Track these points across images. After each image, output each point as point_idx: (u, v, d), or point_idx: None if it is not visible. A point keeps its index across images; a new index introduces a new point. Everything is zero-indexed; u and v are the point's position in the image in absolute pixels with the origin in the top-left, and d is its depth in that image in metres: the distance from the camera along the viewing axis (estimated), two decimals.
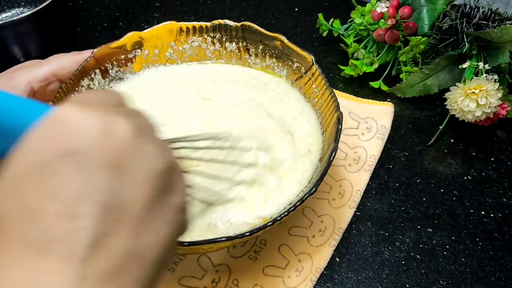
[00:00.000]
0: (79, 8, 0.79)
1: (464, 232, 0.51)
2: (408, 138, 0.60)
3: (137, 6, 0.79)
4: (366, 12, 0.66)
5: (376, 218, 0.52)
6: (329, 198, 0.53)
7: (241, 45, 0.58)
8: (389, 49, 0.65)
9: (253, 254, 0.48)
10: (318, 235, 0.50)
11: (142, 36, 0.56)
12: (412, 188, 0.55)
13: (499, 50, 0.58)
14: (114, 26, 0.76)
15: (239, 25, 0.56)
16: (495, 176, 0.56)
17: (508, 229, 0.52)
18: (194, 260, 0.48)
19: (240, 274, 0.47)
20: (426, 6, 0.65)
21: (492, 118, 0.58)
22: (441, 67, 0.62)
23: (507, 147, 0.59)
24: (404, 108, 0.63)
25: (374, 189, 0.55)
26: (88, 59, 0.52)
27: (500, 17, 0.61)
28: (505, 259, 0.49)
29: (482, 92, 0.54)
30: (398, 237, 0.51)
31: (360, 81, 0.66)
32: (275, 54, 0.56)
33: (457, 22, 0.61)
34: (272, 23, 0.75)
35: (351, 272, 0.48)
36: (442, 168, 0.57)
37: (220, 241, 0.39)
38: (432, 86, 0.63)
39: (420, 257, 0.49)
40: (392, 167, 0.57)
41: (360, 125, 0.60)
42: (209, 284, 0.46)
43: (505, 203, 0.54)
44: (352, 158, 0.57)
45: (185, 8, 0.78)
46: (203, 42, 0.58)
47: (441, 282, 0.47)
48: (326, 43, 0.72)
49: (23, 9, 0.74)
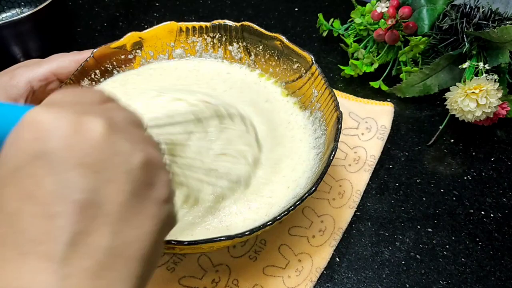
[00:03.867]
0: (79, 8, 0.79)
1: (464, 232, 0.51)
2: (408, 138, 0.60)
3: (137, 6, 0.79)
4: (366, 12, 0.66)
5: (376, 218, 0.52)
6: (329, 198, 0.53)
7: (241, 45, 0.58)
8: (389, 49, 0.65)
9: (253, 254, 0.48)
10: (318, 235, 0.50)
11: (142, 36, 0.56)
12: (412, 188, 0.55)
13: (499, 50, 0.58)
14: (114, 26, 0.76)
15: (239, 25, 0.56)
16: (495, 176, 0.56)
17: (508, 229, 0.52)
18: (194, 260, 0.48)
19: (240, 274, 0.47)
20: (426, 6, 0.65)
21: (492, 118, 0.58)
22: (441, 67, 0.62)
23: (507, 147, 0.59)
24: (404, 108, 0.63)
25: (374, 189, 0.55)
26: (88, 59, 0.52)
27: (500, 17, 0.61)
28: (505, 259, 0.49)
29: (482, 92, 0.54)
30: (398, 237, 0.51)
31: (360, 81, 0.66)
32: (275, 54, 0.56)
33: (457, 22, 0.61)
34: (272, 23, 0.75)
35: (351, 272, 0.48)
36: (442, 168, 0.57)
37: (220, 240, 0.39)
38: (432, 86, 0.63)
39: (420, 257, 0.49)
40: (392, 167, 0.57)
41: (360, 125, 0.60)
42: (209, 284, 0.46)
43: (505, 203, 0.54)
44: (352, 158, 0.57)
45: (185, 8, 0.78)
46: (203, 42, 0.58)
47: (441, 282, 0.47)
48: (326, 43, 0.72)
49: (23, 9, 0.74)
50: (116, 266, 0.23)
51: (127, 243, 0.23)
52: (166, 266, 0.47)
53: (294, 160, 0.50)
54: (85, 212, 0.22)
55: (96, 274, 0.22)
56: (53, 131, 0.23)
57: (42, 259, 0.21)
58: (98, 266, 0.22)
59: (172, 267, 0.47)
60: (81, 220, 0.22)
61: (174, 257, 0.48)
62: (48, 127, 0.23)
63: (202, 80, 0.57)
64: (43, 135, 0.23)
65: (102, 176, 0.23)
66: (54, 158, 0.22)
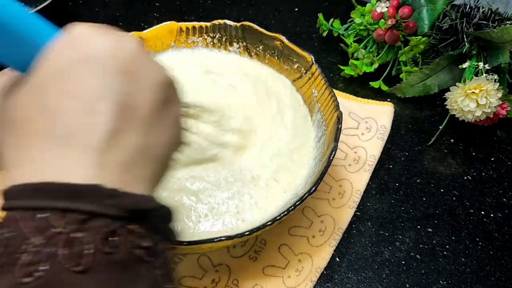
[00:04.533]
0: (79, 8, 0.79)
1: (464, 232, 0.51)
2: (408, 138, 0.60)
3: (137, 6, 0.79)
4: (366, 12, 0.66)
5: (376, 218, 0.52)
6: (329, 198, 0.53)
7: (241, 45, 0.58)
8: (389, 49, 0.65)
9: (253, 254, 0.48)
10: (318, 235, 0.50)
11: (142, 36, 0.56)
12: (412, 188, 0.55)
13: (499, 50, 0.58)
14: (114, 26, 0.75)
15: (239, 25, 0.56)
16: (495, 176, 0.56)
17: (508, 229, 0.52)
18: (194, 260, 0.48)
19: (240, 274, 0.47)
20: (426, 6, 0.65)
21: (492, 118, 0.58)
22: (441, 67, 0.62)
23: (507, 147, 0.59)
24: (404, 108, 0.63)
25: (374, 189, 0.55)
26: None
27: (500, 17, 0.61)
28: (505, 259, 0.49)
29: (482, 92, 0.54)
30: (398, 237, 0.51)
31: (360, 81, 0.66)
32: (275, 54, 0.56)
33: (457, 22, 0.61)
34: (272, 23, 0.75)
35: (351, 272, 0.48)
36: (442, 168, 0.57)
37: (220, 240, 0.39)
38: (432, 86, 0.63)
39: (420, 257, 0.49)
40: (392, 167, 0.57)
41: (360, 125, 0.60)
42: (209, 284, 0.46)
43: (505, 203, 0.54)
44: (352, 158, 0.57)
45: (185, 8, 0.78)
46: (203, 42, 0.58)
47: (441, 282, 0.47)
48: (326, 43, 0.72)
49: None
50: (141, 164, 0.25)
51: (152, 146, 0.26)
52: None
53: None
54: (123, 112, 0.24)
55: (126, 168, 0.24)
56: (98, 40, 0.25)
57: (82, 150, 0.23)
58: (129, 161, 0.24)
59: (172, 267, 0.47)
60: (119, 118, 0.24)
61: (174, 257, 0.48)
62: (93, 37, 0.26)
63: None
64: (89, 43, 0.25)
65: (139, 84, 0.26)
66: (100, 62, 0.25)
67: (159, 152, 0.27)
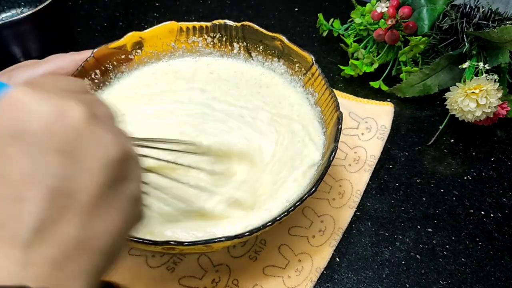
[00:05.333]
0: (79, 8, 0.79)
1: (464, 232, 0.51)
2: (408, 138, 0.60)
3: (137, 6, 0.79)
4: (366, 12, 0.66)
5: (376, 218, 0.52)
6: (329, 198, 0.53)
7: (241, 45, 0.58)
8: (389, 49, 0.65)
9: (253, 254, 0.48)
10: (318, 235, 0.50)
11: (142, 36, 0.56)
12: (412, 188, 0.55)
13: (499, 50, 0.58)
14: (114, 26, 0.76)
15: (239, 25, 0.56)
16: (495, 176, 0.56)
17: (508, 229, 0.52)
18: (194, 260, 0.48)
19: (240, 274, 0.47)
20: (426, 6, 0.65)
21: (492, 118, 0.58)
22: (441, 67, 0.62)
23: (507, 147, 0.59)
24: (404, 108, 0.63)
25: (374, 189, 0.55)
26: (88, 59, 0.52)
27: (500, 17, 0.61)
28: (505, 259, 0.49)
29: (482, 92, 0.54)
30: (398, 237, 0.51)
31: (360, 81, 0.66)
32: (275, 54, 0.56)
33: (457, 22, 0.61)
34: (272, 23, 0.75)
35: (351, 272, 0.48)
36: (442, 168, 0.57)
37: (220, 241, 0.39)
38: (432, 86, 0.63)
39: (420, 257, 0.49)
40: (392, 167, 0.57)
41: (360, 125, 0.60)
42: (209, 284, 0.46)
43: (505, 203, 0.54)
44: (352, 158, 0.57)
45: (185, 8, 0.78)
46: (203, 42, 0.58)
47: (441, 282, 0.47)
48: (326, 43, 0.72)
49: (23, 9, 0.74)
50: (78, 258, 0.22)
51: (94, 236, 0.23)
52: (166, 266, 0.47)
53: None
54: (56, 200, 0.21)
55: (57, 264, 0.21)
56: (35, 112, 0.22)
57: (7, 244, 0.20)
58: (61, 257, 0.21)
59: (172, 267, 0.47)
60: (51, 207, 0.21)
61: (174, 257, 0.48)
62: (30, 107, 0.22)
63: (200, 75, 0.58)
64: (24, 115, 0.22)
65: (79, 164, 0.22)
66: (33, 140, 0.22)
67: (103, 241, 0.23)
